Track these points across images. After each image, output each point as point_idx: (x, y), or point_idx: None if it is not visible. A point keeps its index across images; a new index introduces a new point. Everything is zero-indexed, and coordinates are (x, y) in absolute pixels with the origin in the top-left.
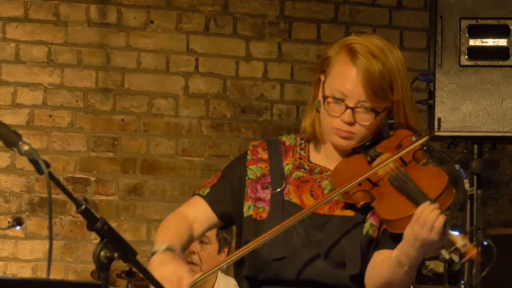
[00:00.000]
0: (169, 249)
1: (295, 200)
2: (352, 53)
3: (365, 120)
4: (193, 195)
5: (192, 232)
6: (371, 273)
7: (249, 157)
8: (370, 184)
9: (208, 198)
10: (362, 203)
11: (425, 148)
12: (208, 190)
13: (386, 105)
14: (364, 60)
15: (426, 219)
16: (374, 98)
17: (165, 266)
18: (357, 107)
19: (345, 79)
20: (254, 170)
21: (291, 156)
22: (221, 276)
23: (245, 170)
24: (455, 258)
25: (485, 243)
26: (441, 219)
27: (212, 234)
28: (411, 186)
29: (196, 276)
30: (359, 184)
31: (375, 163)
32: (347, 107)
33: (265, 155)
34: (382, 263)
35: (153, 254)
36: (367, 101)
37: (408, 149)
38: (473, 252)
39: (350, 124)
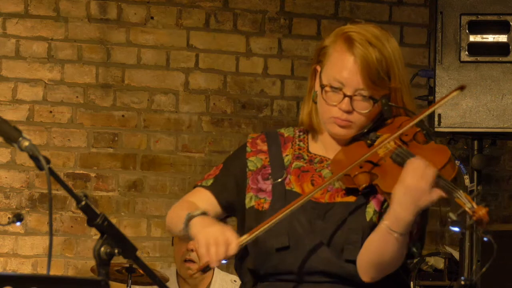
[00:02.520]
0: (204, 213)
1: (296, 189)
2: (349, 41)
3: (363, 108)
4: (194, 187)
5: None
6: (361, 251)
7: (248, 149)
8: (371, 165)
9: (212, 188)
10: (364, 185)
11: (425, 132)
12: (211, 181)
13: (384, 92)
14: (361, 48)
15: (415, 168)
16: (372, 85)
17: (210, 227)
18: (355, 95)
19: (343, 67)
20: (254, 162)
21: (290, 147)
22: (217, 272)
23: (245, 162)
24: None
25: (485, 239)
26: (431, 170)
27: None
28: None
29: (244, 237)
30: (360, 167)
31: (375, 144)
32: (345, 96)
33: (264, 147)
34: (372, 238)
35: (189, 219)
36: (365, 89)
37: (408, 126)
38: (481, 212)
39: (348, 112)
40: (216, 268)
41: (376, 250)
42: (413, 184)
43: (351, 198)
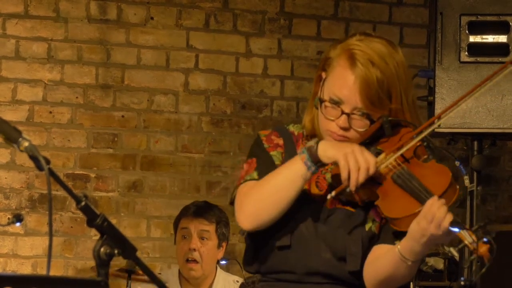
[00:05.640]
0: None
1: (305, 186)
2: (351, 59)
3: (360, 126)
4: (238, 186)
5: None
6: (371, 266)
7: (265, 145)
8: (372, 182)
9: (260, 177)
10: (364, 200)
11: (425, 144)
12: (255, 172)
13: (382, 113)
14: (362, 68)
15: (434, 216)
16: (371, 106)
17: (349, 147)
18: (352, 113)
19: (343, 85)
20: (277, 156)
21: (301, 145)
22: (220, 273)
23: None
24: (455, 254)
25: (485, 239)
26: (449, 216)
27: (211, 229)
28: (415, 183)
29: (381, 157)
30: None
31: (376, 161)
32: (343, 112)
33: (280, 141)
34: (384, 257)
35: (315, 150)
36: (363, 108)
37: (410, 145)
38: (482, 249)
39: (345, 129)
40: (218, 268)
41: (387, 271)
42: (431, 231)
43: (351, 208)
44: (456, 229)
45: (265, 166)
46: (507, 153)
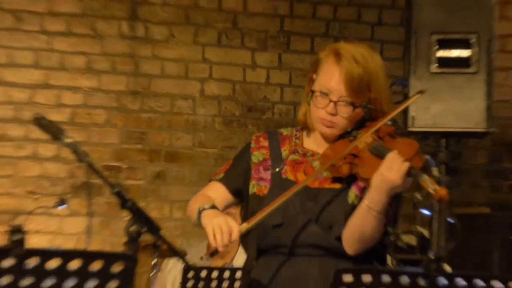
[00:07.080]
0: (213, 207)
1: (291, 177)
2: (337, 56)
3: (345, 112)
4: (209, 181)
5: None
6: (345, 230)
7: (252, 145)
8: (353, 157)
9: (223, 181)
10: (346, 174)
11: (398, 131)
12: (222, 175)
13: (363, 100)
14: (346, 63)
15: (392, 162)
16: (353, 94)
17: (216, 218)
18: (339, 101)
19: (331, 77)
20: (257, 155)
21: (288, 144)
22: (242, 249)
23: (250, 156)
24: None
25: (451, 220)
26: (406, 164)
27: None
28: (386, 150)
29: (244, 225)
30: (344, 158)
31: (356, 140)
32: (330, 101)
33: (266, 143)
34: (354, 215)
35: (200, 211)
36: (347, 97)
37: (383, 122)
38: (442, 192)
39: (332, 115)
40: (241, 246)
41: (359, 226)
42: (389, 176)
43: (337, 185)
44: (426, 212)
45: (235, 172)
46: (469, 149)
